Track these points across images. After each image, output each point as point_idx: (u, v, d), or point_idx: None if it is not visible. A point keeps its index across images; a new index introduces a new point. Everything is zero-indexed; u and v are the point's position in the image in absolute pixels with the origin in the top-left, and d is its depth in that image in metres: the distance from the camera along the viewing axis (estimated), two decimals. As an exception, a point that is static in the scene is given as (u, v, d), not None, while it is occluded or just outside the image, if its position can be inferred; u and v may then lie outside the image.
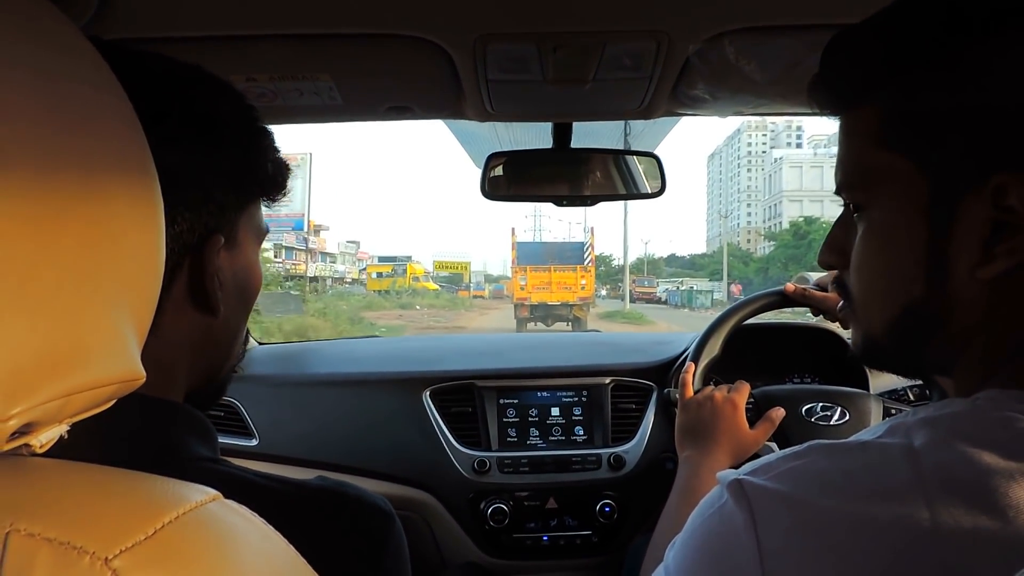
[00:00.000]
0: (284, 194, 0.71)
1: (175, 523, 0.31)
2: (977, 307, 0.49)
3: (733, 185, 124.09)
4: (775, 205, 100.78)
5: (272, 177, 0.68)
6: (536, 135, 1.38)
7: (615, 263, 75.70)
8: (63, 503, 0.30)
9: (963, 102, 0.46)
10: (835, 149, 0.56)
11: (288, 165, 0.71)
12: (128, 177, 0.38)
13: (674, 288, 49.48)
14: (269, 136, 0.67)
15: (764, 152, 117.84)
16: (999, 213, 0.45)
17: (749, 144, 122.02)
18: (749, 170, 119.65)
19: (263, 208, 0.71)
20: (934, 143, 0.48)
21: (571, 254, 24.30)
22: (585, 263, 23.29)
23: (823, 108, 0.57)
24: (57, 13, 0.36)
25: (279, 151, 0.69)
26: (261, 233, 0.69)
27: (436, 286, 47.32)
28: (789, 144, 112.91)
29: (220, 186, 0.60)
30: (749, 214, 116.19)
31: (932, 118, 0.48)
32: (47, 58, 0.34)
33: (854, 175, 0.55)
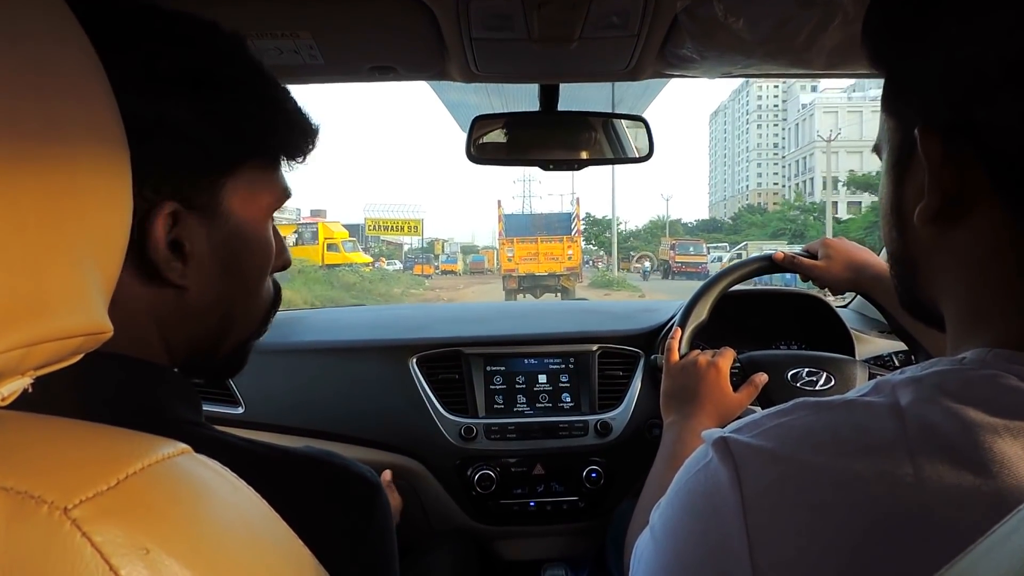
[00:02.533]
0: (301, 159, 0.66)
1: (140, 474, 0.30)
2: (936, 256, 0.51)
3: (741, 144, 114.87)
4: (804, 159, 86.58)
5: (270, 137, 0.62)
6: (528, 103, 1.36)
7: (624, 227, 70.30)
8: (22, 453, 0.29)
9: (921, 65, 0.49)
10: (875, 91, 0.57)
11: (303, 127, 0.65)
12: (91, 124, 0.36)
13: (736, 256, 29.04)
14: (266, 91, 0.62)
15: (776, 105, 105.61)
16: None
17: (759, 98, 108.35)
18: (759, 126, 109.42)
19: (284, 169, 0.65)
20: (900, 100, 0.52)
21: (558, 224, 24.44)
22: (572, 233, 23.39)
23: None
24: None
25: (289, 110, 0.64)
26: (272, 198, 0.64)
27: (364, 257, 35.01)
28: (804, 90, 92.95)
29: (174, 145, 0.54)
30: (760, 175, 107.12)
31: (904, 81, 0.51)
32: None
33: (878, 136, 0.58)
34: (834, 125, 74.83)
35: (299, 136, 0.65)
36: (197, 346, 0.62)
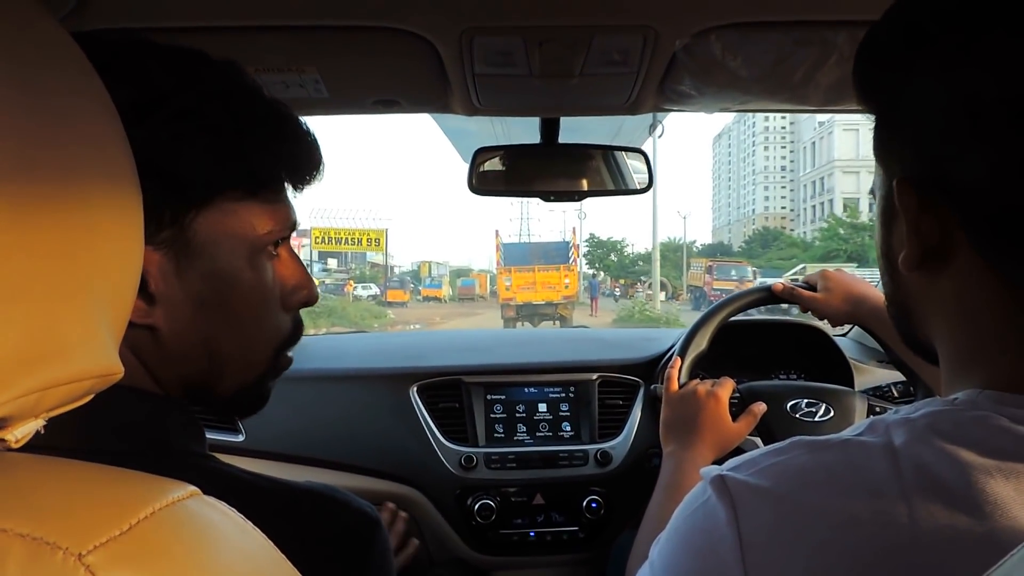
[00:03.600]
0: (307, 184, 0.63)
1: (151, 519, 0.31)
2: (925, 301, 0.53)
3: (747, 166, 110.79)
4: (822, 179, 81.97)
5: (246, 171, 0.58)
6: (527, 132, 1.38)
7: (630, 250, 61.78)
8: (36, 498, 0.30)
9: (899, 117, 0.50)
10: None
11: (289, 159, 0.62)
12: (107, 171, 0.37)
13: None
14: (251, 122, 0.58)
15: (784, 127, 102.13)
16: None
17: (767, 119, 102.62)
18: (766, 148, 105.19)
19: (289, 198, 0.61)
20: (884, 150, 0.53)
21: (556, 254, 24.59)
22: (569, 262, 23.59)
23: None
24: (36, 4, 0.35)
25: (273, 140, 0.60)
26: (257, 230, 0.59)
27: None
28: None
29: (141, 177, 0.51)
30: (767, 198, 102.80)
31: (886, 131, 0.52)
32: (22, 49, 0.33)
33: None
34: (854, 143, 72.83)
35: (286, 167, 0.62)
36: (191, 384, 0.61)
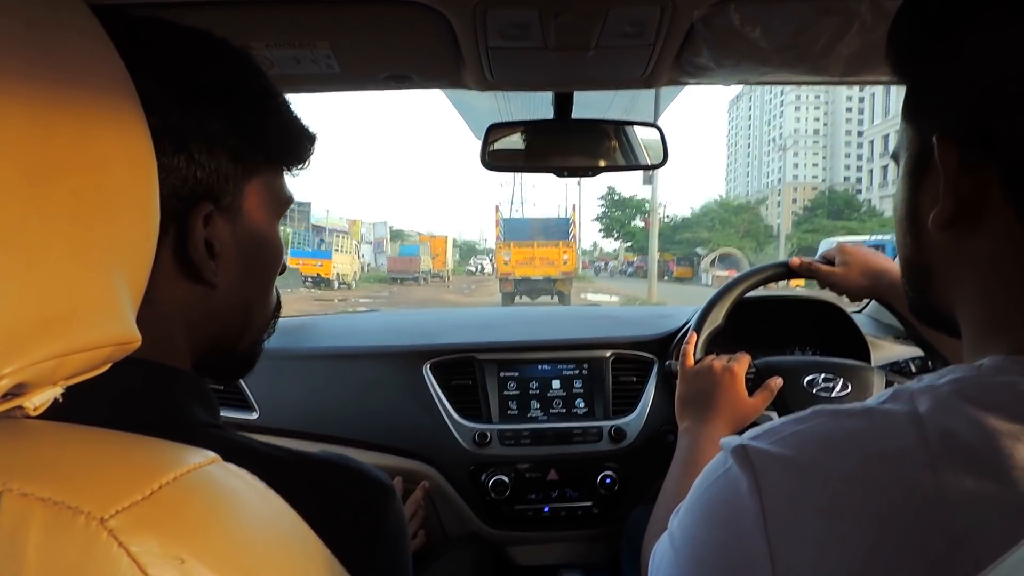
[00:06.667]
0: (302, 165, 0.69)
1: (173, 484, 0.31)
2: (951, 263, 0.52)
3: (773, 131, 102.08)
4: (878, 139, 75.02)
5: (281, 144, 0.65)
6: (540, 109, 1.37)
7: (666, 212, 51.97)
8: (58, 464, 0.30)
9: (941, 74, 0.50)
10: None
11: (307, 134, 0.68)
12: (121, 135, 0.37)
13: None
14: (277, 103, 0.65)
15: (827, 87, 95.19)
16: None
17: None
18: (797, 108, 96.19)
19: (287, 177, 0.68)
20: (920, 109, 0.53)
21: (556, 230, 24.63)
22: (568, 239, 23.73)
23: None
24: None
25: (294, 119, 0.67)
26: (279, 203, 0.67)
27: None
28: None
29: (210, 151, 0.57)
30: (796, 165, 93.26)
31: (924, 90, 0.52)
32: (37, 14, 0.33)
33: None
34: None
35: (303, 143, 0.69)
36: (218, 344, 0.65)
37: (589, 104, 1.32)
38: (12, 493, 0.27)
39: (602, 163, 1.37)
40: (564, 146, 1.37)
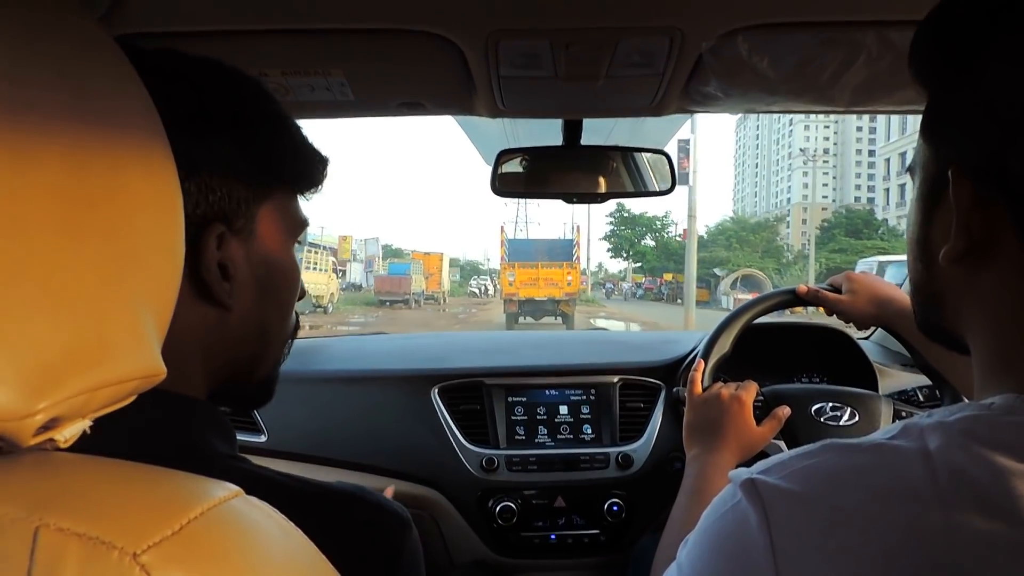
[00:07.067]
0: (315, 189, 0.70)
1: (200, 519, 0.31)
2: (962, 295, 0.52)
3: (781, 150, 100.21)
4: (894, 156, 72.69)
5: (293, 168, 0.66)
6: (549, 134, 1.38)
7: (676, 231, 48.74)
8: (91, 497, 0.30)
9: (961, 101, 0.49)
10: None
11: (319, 158, 0.69)
12: (151, 174, 0.38)
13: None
14: (288, 127, 0.66)
15: None
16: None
17: None
18: (806, 127, 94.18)
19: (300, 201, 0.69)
20: (938, 131, 0.52)
21: (560, 251, 24.68)
22: (572, 260, 23.78)
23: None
24: (78, 10, 0.36)
25: (305, 143, 0.67)
26: (294, 226, 0.67)
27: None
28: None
29: (222, 175, 0.58)
30: (806, 184, 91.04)
31: (943, 113, 0.52)
32: (70, 55, 0.34)
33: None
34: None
35: (316, 166, 0.69)
36: (235, 371, 0.65)
37: (598, 130, 1.33)
38: (49, 528, 0.27)
39: (610, 189, 1.38)
40: (573, 172, 1.39)
